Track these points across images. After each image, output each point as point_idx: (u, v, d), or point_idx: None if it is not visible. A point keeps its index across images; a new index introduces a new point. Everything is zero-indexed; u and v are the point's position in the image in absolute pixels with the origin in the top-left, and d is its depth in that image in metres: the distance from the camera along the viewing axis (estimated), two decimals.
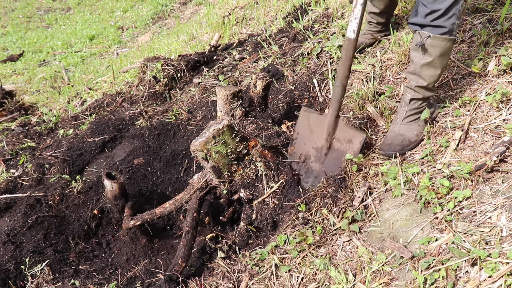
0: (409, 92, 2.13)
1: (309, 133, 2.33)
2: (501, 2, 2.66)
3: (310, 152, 2.33)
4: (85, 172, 2.92)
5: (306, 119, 2.35)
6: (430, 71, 2.03)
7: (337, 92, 2.17)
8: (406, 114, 2.16)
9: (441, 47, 1.96)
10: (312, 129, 2.33)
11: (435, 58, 1.98)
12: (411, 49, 2.07)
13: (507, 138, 1.83)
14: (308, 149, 2.34)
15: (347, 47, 2.08)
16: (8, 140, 3.54)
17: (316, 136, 2.31)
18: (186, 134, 3.10)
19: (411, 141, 2.16)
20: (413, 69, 2.08)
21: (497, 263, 1.45)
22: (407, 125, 2.17)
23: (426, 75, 2.04)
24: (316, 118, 2.32)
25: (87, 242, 2.56)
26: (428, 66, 2.02)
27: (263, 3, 4.96)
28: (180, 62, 3.92)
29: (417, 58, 2.03)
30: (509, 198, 1.65)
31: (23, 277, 2.24)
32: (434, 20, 1.92)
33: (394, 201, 1.97)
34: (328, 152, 2.28)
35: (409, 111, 2.15)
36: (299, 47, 3.42)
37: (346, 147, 2.24)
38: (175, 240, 2.59)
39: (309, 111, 2.35)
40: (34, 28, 9.75)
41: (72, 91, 5.41)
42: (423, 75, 2.05)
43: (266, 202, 2.22)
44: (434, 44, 1.95)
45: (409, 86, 2.12)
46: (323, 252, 1.92)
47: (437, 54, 1.97)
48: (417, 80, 2.07)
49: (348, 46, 2.07)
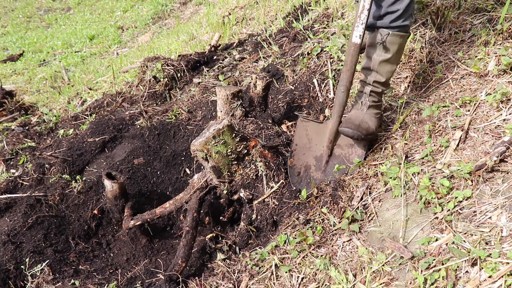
0: (368, 86, 2.19)
1: (308, 142, 2.32)
2: (501, 2, 2.66)
3: (310, 162, 2.31)
4: (85, 172, 2.92)
5: (303, 129, 2.33)
6: (388, 67, 2.11)
7: (341, 97, 2.16)
8: (370, 104, 2.22)
9: (398, 43, 2.04)
10: (310, 139, 2.32)
11: (393, 54, 2.06)
12: (367, 46, 2.12)
13: (507, 138, 1.83)
14: (307, 159, 2.31)
15: (353, 52, 2.06)
16: (8, 140, 3.54)
17: (315, 145, 2.30)
18: (186, 134, 3.10)
19: (374, 132, 2.23)
20: (370, 66, 2.13)
21: (497, 263, 1.45)
22: (370, 116, 2.22)
23: (383, 72, 2.12)
24: (314, 127, 2.30)
25: (87, 242, 2.56)
26: (386, 62, 2.10)
27: (263, 3, 4.96)
28: (180, 62, 3.92)
29: (375, 55, 2.09)
30: (509, 198, 1.65)
31: (23, 277, 2.24)
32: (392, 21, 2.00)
33: (394, 201, 1.97)
34: (329, 160, 2.27)
35: (371, 102, 2.22)
36: (299, 47, 3.42)
37: (349, 152, 2.23)
38: (175, 240, 2.59)
39: (306, 121, 2.33)
40: (34, 28, 9.75)
41: (72, 91, 5.41)
42: (381, 72, 2.12)
43: (266, 202, 2.22)
44: (392, 41, 2.03)
45: (366, 81, 2.18)
46: (323, 252, 1.92)
47: (395, 50, 2.06)
48: (375, 76, 2.14)
49: (354, 51, 2.06)
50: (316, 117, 2.86)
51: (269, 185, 2.24)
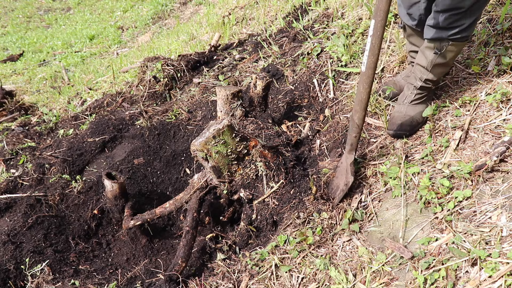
0: (419, 81, 2.17)
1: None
2: (501, 2, 2.66)
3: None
4: (85, 172, 2.92)
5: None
6: (441, 69, 2.10)
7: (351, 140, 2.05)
8: (415, 97, 2.22)
9: (457, 51, 2.02)
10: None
11: (449, 59, 2.04)
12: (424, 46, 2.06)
13: (507, 138, 1.83)
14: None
15: (360, 79, 1.92)
16: (8, 140, 3.54)
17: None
18: (186, 134, 3.10)
19: (419, 122, 2.22)
20: (424, 64, 2.10)
21: (497, 263, 1.45)
22: (413, 106, 2.23)
23: (436, 73, 2.11)
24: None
25: (87, 242, 2.56)
26: (440, 66, 2.07)
27: (263, 3, 4.96)
28: (180, 62, 3.92)
29: (431, 56, 2.05)
30: (509, 198, 1.65)
31: (23, 277, 2.24)
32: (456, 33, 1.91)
33: (394, 201, 1.97)
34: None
35: (417, 95, 2.22)
36: (299, 47, 3.42)
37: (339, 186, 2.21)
38: (175, 240, 2.59)
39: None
40: (34, 28, 9.75)
41: (72, 91, 5.41)
42: (434, 72, 2.10)
43: (266, 202, 2.22)
44: (451, 49, 2.00)
45: (418, 77, 2.16)
46: (323, 252, 1.92)
47: (452, 56, 2.03)
48: (427, 74, 2.12)
49: (360, 78, 1.91)
50: (316, 117, 2.86)
51: (269, 185, 2.24)
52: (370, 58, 1.82)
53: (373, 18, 1.76)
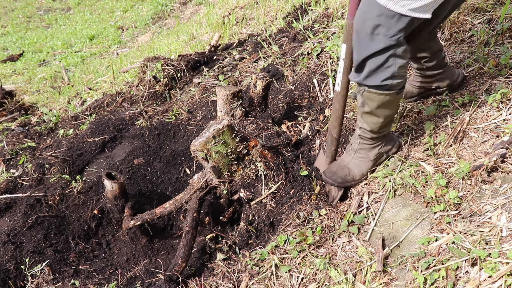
0: (359, 129, 2.06)
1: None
2: (501, 2, 2.66)
3: None
4: (85, 172, 2.92)
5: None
6: (372, 119, 1.94)
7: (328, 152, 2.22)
8: (359, 147, 2.10)
9: (378, 101, 1.83)
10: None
11: (373, 109, 1.88)
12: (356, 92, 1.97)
13: (507, 138, 1.83)
14: None
15: (335, 98, 2.02)
16: (8, 140, 3.54)
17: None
18: (186, 134, 3.10)
19: (355, 179, 2.13)
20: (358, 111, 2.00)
21: (497, 263, 1.45)
22: (358, 160, 2.12)
23: (368, 122, 1.97)
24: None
25: (87, 242, 2.56)
26: (368, 114, 1.93)
27: (263, 3, 4.96)
28: (180, 62, 3.93)
29: (359, 103, 1.93)
30: (509, 198, 1.65)
31: (23, 277, 2.24)
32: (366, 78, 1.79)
33: (394, 201, 1.97)
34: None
35: (361, 144, 2.09)
36: (299, 47, 3.42)
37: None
38: (175, 240, 2.59)
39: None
40: (34, 28, 9.76)
41: (72, 91, 5.41)
42: (366, 121, 1.97)
43: (263, 203, 2.22)
44: (370, 98, 1.84)
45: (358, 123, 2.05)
46: (323, 252, 1.92)
47: (375, 106, 1.86)
48: (362, 123, 2.01)
49: (336, 97, 2.01)
50: (316, 117, 2.86)
51: (268, 185, 2.24)
52: (343, 79, 1.95)
53: (344, 42, 1.87)
